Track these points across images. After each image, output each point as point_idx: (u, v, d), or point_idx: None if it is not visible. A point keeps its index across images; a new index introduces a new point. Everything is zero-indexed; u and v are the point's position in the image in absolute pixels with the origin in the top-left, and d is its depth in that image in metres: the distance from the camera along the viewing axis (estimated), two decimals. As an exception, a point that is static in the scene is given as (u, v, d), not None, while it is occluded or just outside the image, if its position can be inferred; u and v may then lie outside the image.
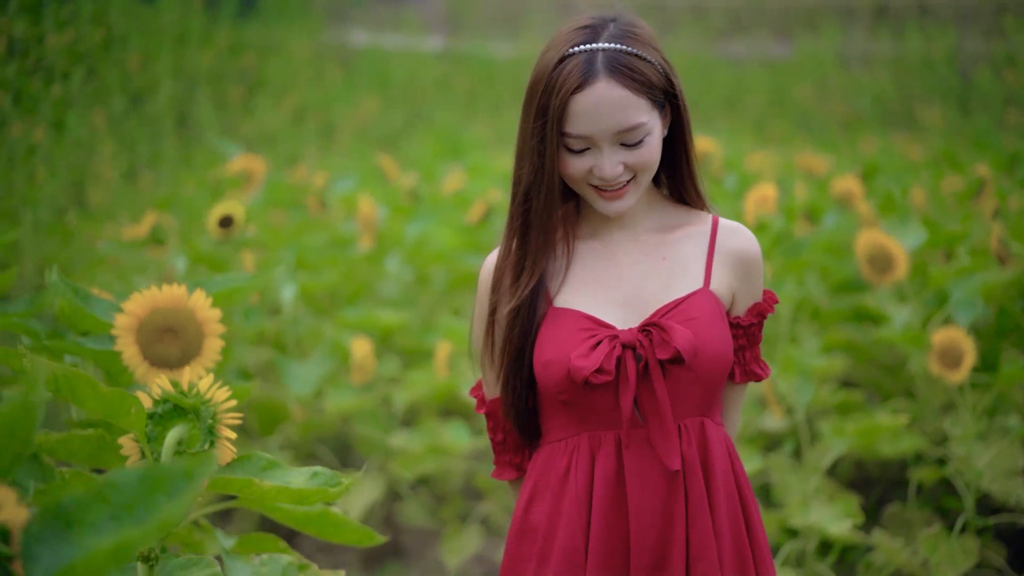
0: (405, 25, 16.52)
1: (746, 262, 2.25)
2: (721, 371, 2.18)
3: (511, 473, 2.35)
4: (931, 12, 14.90)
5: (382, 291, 5.74)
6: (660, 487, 2.14)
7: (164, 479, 1.26)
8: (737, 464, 2.25)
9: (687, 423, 2.17)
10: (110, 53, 9.10)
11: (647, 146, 2.13)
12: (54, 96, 6.99)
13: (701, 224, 2.27)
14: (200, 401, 2.15)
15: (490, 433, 2.36)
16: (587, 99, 2.09)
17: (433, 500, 4.88)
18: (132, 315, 2.37)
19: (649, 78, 2.12)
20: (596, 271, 2.23)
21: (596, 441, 2.18)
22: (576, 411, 2.18)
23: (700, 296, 2.18)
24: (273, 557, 2.31)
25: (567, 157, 2.14)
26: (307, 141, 11.93)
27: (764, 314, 2.28)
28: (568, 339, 2.15)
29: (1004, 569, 3.96)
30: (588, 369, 2.08)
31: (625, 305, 2.20)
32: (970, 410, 4.14)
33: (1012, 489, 3.88)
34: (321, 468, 2.18)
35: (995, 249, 4.72)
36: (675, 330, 2.10)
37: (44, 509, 1.23)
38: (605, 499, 2.15)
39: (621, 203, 2.16)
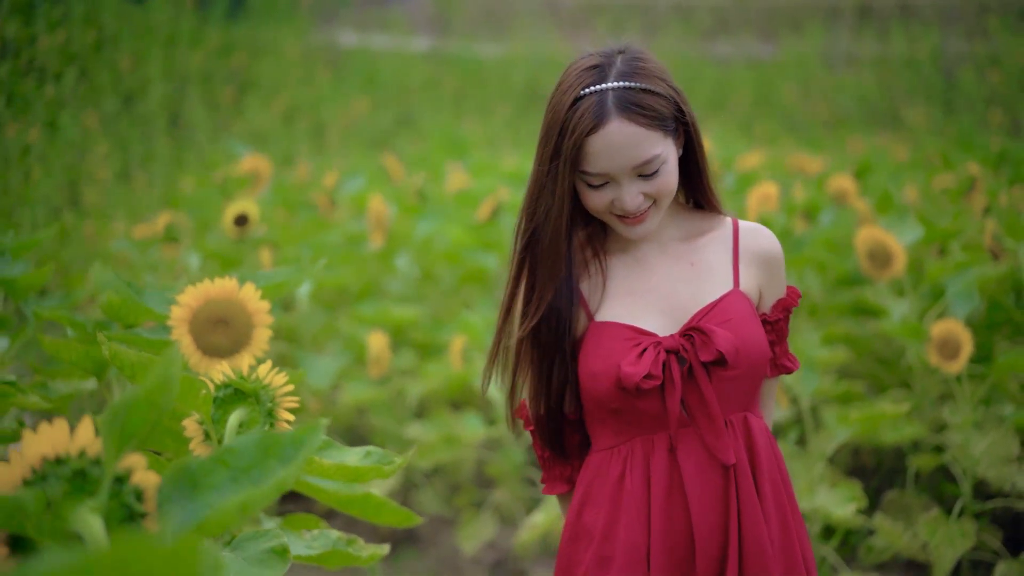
0: (392, 26, 16.60)
1: (769, 260, 2.33)
2: (761, 366, 2.25)
3: (562, 487, 2.42)
4: (915, 13, 15.01)
5: (391, 288, 5.88)
6: (716, 482, 2.21)
7: (278, 446, 1.40)
8: (778, 453, 2.32)
9: (732, 419, 2.24)
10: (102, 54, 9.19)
11: (664, 174, 2.19)
12: (47, 97, 7.07)
13: (722, 228, 2.34)
14: (260, 386, 2.29)
15: (538, 451, 2.43)
16: (601, 140, 2.16)
17: (447, 489, 5.03)
18: (186, 307, 2.50)
19: (659, 111, 2.18)
20: (630, 283, 2.31)
21: (649, 445, 2.24)
22: (625, 418, 2.24)
23: (732, 297, 2.26)
24: (323, 533, 2.45)
25: (588, 192, 2.22)
26: (298, 141, 12.01)
27: (789, 308, 2.35)
28: (614, 349, 2.22)
29: (1000, 551, 4.11)
30: (639, 375, 2.15)
31: (662, 313, 2.26)
32: (967, 399, 4.30)
33: (1008, 475, 4.03)
34: (373, 448, 2.32)
35: (988, 245, 4.89)
36: (716, 332, 2.17)
37: (173, 472, 1.37)
38: (663, 499, 2.22)
39: (644, 227, 2.23)
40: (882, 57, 14.20)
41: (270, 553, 2.10)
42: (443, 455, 4.71)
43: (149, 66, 9.98)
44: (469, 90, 15.16)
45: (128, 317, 2.93)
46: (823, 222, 5.76)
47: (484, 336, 5.02)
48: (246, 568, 2.07)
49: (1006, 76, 11.97)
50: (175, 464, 1.37)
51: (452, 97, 14.95)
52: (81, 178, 8.24)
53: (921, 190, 6.82)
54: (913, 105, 12.86)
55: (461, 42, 16.68)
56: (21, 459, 1.33)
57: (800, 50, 14.88)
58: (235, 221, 4.80)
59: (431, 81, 15.20)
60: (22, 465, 1.33)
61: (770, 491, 2.25)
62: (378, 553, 2.43)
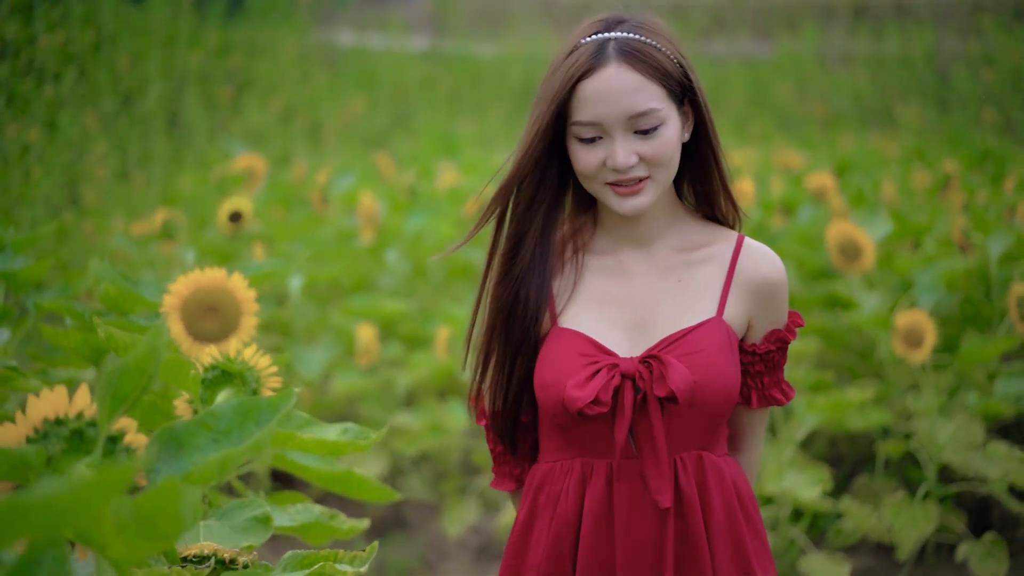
0: (390, 26, 16.67)
1: (765, 288, 2.13)
2: (723, 406, 2.07)
3: (510, 484, 2.28)
4: (909, 12, 15.06)
5: (381, 282, 6.05)
6: (650, 522, 2.05)
7: (255, 410, 1.57)
8: (746, 497, 2.14)
9: (684, 456, 2.07)
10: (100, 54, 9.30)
11: (662, 137, 2.02)
12: (46, 96, 7.19)
13: (724, 245, 2.15)
14: (245, 367, 2.46)
15: (490, 444, 2.29)
16: (595, 84, 2.01)
17: (433, 475, 5.20)
18: (177, 295, 2.68)
19: (663, 65, 2.02)
20: (606, 290, 2.13)
21: (588, 468, 2.09)
22: (571, 436, 2.10)
23: (710, 326, 2.07)
24: (306, 507, 2.60)
25: (579, 150, 2.04)
26: (295, 140, 12.13)
27: (785, 341, 2.15)
28: (567, 364, 2.06)
29: (965, 534, 4.27)
30: (583, 400, 2.00)
31: (632, 329, 2.09)
32: (933, 388, 4.47)
33: (971, 461, 4.19)
34: (350, 424, 2.48)
35: (958, 240, 5.06)
36: (673, 367, 2.00)
37: (161, 434, 1.53)
38: (592, 529, 2.08)
39: (637, 200, 2.04)
40: (877, 56, 14.25)
41: (253, 521, 2.26)
42: (429, 443, 4.89)
43: (147, 66, 10.10)
44: (465, 89, 15.26)
45: (124, 306, 3.09)
46: (802, 218, 5.92)
47: (470, 328, 5.19)
48: (231, 535, 2.23)
49: (999, 75, 12.02)
50: (163, 427, 1.54)
51: (448, 96, 15.06)
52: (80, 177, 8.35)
53: (900, 187, 6.98)
54: (907, 103, 12.92)
55: (458, 41, 16.76)
56: (25, 420, 1.50)
57: (795, 49, 14.94)
58: (229, 218, 4.95)
59: (427, 80, 15.30)
60: (25, 425, 1.50)
61: (725, 538, 2.08)
62: (357, 527, 2.59)
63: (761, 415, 2.22)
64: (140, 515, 1.27)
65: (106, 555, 1.34)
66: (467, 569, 4.67)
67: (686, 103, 2.09)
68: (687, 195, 2.19)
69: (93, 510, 1.12)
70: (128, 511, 1.26)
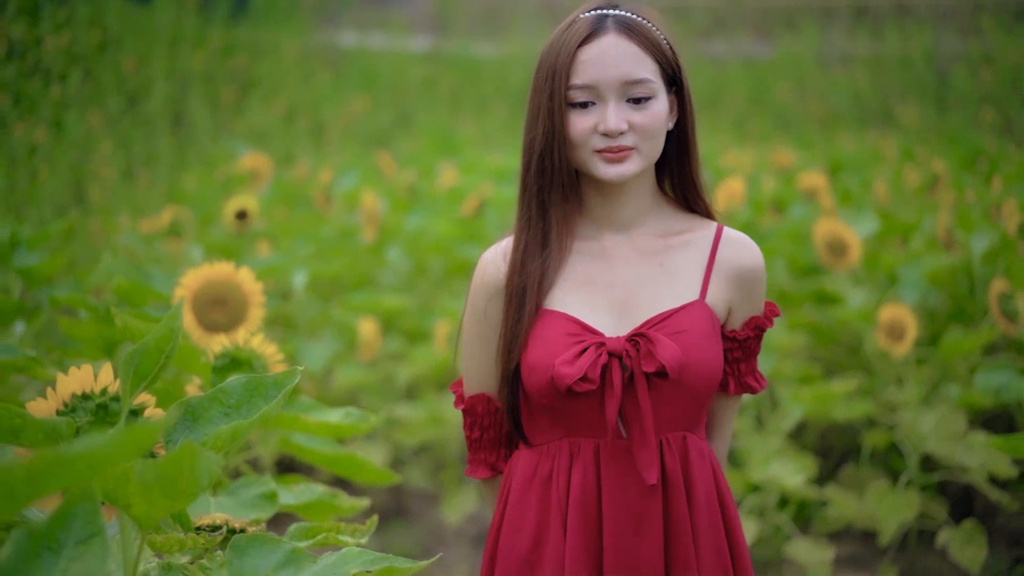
0: (391, 26, 16.76)
1: (746, 276, 2.19)
2: (707, 386, 2.13)
3: (484, 472, 2.31)
4: (909, 12, 15.09)
5: (382, 279, 6.20)
6: (636, 500, 2.11)
7: (262, 386, 1.72)
8: (721, 481, 2.20)
9: (669, 437, 2.13)
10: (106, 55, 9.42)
11: (653, 109, 2.10)
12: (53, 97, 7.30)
13: (703, 232, 2.21)
14: (253, 354, 2.62)
15: (466, 430, 2.32)
16: (594, 49, 2.09)
17: (433, 465, 5.35)
18: (188, 288, 2.84)
19: (659, 44, 2.12)
20: (590, 273, 2.18)
21: (576, 448, 2.14)
22: (558, 417, 2.14)
23: (693, 308, 2.13)
24: (309, 487, 2.75)
25: (572, 118, 2.11)
26: (298, 140, 12.24)
27: (762, 327, 2.22)
28: (554, 343, 2.11)
29: (947, 521, 4.42)
30: (572, 377, 2.04)
31: (616, 310, 2.15)
32: (916, 381, 4.62)
33: (953, 450, 4.33)
34: (352, 408, 2.65)
35: (942, 237, 5.21)
36: (662, 343, 2.05)
37: (177, 408, 1.69)
38: (580, 508, 2.12)
39: (622, 168, 2.10)
40: (876, 56, 14.29)
41: (261, 498, 2.42)
42: (429, 434, 5.04)
43: (152, 67, 10.20)
44: (466, 89, 15.34)
45: (136, 299, 3.25)
46: (793, 216, 6.07)
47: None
48: (239, 510, 2.39)
49: (999, 75, 12.08)
50: (178, 401, 1.69)
51: (449, 96, 15.14)
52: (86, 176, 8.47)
53: (891, 186, 7.13)
54: (906, 103, 12.98)
55: (459, 42, 16.84)
56: (55, 395, 1.66)
57: (795, 49, 15.00)
58: (235, 216, 5.10)
59: (429, 81, 15.38)
60: (55, 400, 1.65)
61: (706, 518, 2.14)
62: (358, 505, 2.74)
63: (734, 403, 2.29)
64: (162, 475, 1.42)
65: (130, 513, 1.49)
66: (465, 555, 4.82)
67: (672, 92, 2.17)
68: (667, 186, 2.25)
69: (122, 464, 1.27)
70: (151, 472, 1.42)
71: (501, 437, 2.30)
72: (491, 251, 2.26)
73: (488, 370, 2.25)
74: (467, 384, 2.31)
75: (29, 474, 1.13)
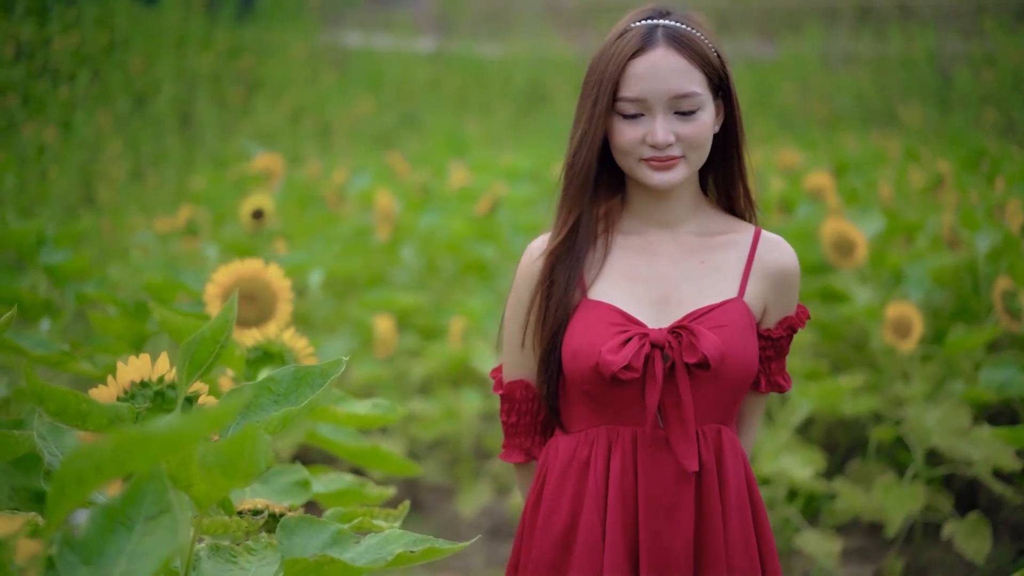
0: (396, 27, 16.82)
1: (783, 277, 2.26)
2: (745, 381, 2.19)
3: (519, 456, 2.37)
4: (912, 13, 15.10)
5: (395, 277, 6.30)
6: (671, 488, 2.16)
7: (309, 376, 1.82)
8: (751, 474, 2.26)
9: (705, 429, 2.18)
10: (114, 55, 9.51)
11: (700, 121, 2.16)
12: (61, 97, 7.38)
13: (743, 234, 2.27)
14: (284, 348, 2.72)
15: (503, 415, 2.38)
16: (644, 63, 2.15)
17: (448, 459, 5.45)
18: (219, 284, 2.93)
19: (706, 55, 2.17)
20: (633, 267, 2.24)
21: (614, 435, 2.20)
22: (598, 404, 2.20)
23: (733, 305, 2.20)
24: (338, 476, 2.85)
25: (620, 125, 2.18)
26: (304, 140, 12.31)
27: (794, 328, 2.30)
28: (598, 332, 2.17)
29: (951, 514, 4.51)
30: (617, 365, 2.10)
31: (657, 304, 2.21)
32: (922, 377, 4.72)
33: (958, 445, 4.42)
34: (380, 400, 2.75)
35: (947, 236, 5.31)
36: (704, 335, 2.12)
37: (229, 395, 1.78)
38: (618, 494, 2.18)
39: (670, 175, 2.17)
40: (880, 57, 14.31)
41: (294, 485, 2.52)
42: (444, 428, 5.15)
43: (160, 67, 10.28)
44: (471, 90, 15.40)
45: (166, 295, 3.34)
46: (800, 215, 6.17)
47: (483, 320, 5.47)
48: (274, 496, 2.49)
49: (1001, 76, 12.11)
50: (231, 389, 1.79)
51: (454, 97, 15.21)
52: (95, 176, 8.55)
53: (896, 186, 7.22)
54: (909, 104, 13.02)
55: (464, 43, 16.91)
56: (115, 383, 1.76)
57: (799, 50, 15.04)
58: (252, 215, 5.18)
59: (434, 81, 15.45)
60: (116, 387, 1.75)
61: (736, 510, 2.20)
62: (385, 493, 2.83)
63: (762, 400, 2.36)
64: (223, 457, 1.52)
65: (191, 494, 1.59)
66: (480, 548, 4.92)
67: (719, 97, 2.24)
68: (709, 187, 2.32)
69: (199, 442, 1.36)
70: (213, 453, 1.51)
71: (537, 423, 2.35)
72: (537, 241, 2.32)
73: (528, 356, 2.31)
74: (506, 370, 2.36)
75: (115, 450, 1.23)
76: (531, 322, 2.28)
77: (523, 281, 2.31)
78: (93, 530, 1.36)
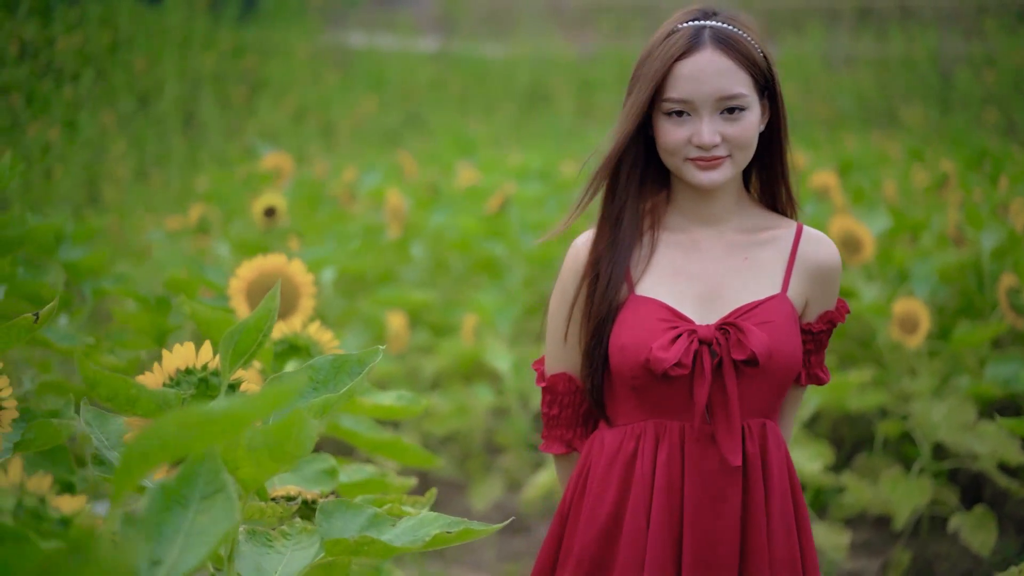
0: (399, 27, 16.88)
1: (825, 272, 2.29)
2: (789, 375, 2.23)
3: (560, 448, 2.39)
4: (913, 14, 15.14)
5: (405, 274, 6.36)
6: (717, 481, 2.19)
7: (347, 363, 1.88)
8: (792, 468, 2.29)
9: (751, 423, 2.21)
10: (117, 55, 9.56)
11: (746, 122, 2.19)
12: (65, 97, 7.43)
13: (785, 230, 2.30)
14: (310, 341, 2.78)
15: (545, 407, 2.40)
16: (691, 65, 2.18)
17: (460, 454, 5.51)
18: (243, 279, 2.99)
19: (752, 56, 2.19)
20: (678, 263, 2.27)
21: (661, 429, 2.23)
22: (645, 398, 2.23)
23: (777, 301, 2.23)
24: (361, 467, 2.91)
25: (666, 127, 2.21)
26: (308, 139, 12.36)
27: (835, 322, 2.32)
28: (648, 328, 2.19)
29: (957, 507, 4.57)
30: (669, 362, 2.13)
31: (703, 300, 2.24)
32: (928, 372, 4.78)
33: (963, 439, 4.49)
34: (403, 392, 2.81)
35: (952, 234, 5.37)
36: (752, 332, 2.15)
37: (271, 382, 1.84)
38: (665, 486, 2.20)
39: (715, 174, 2.20)
40: (881, 57, 14.35)
41: (322, 473, 2.59)
42: (456, 424, 5.21)
43: (163, 67, 10.33)
44: (474, 90, 15.46)
45: (189, 290, 3.40)
46: (806, 213, 6.22)
47: (494, 316, 5.53)
48: (302, 484, 2.55)
49: (1001, 76, 12.16)
50: (272, 377, 1.85)
51: (457, 97, 15.27)
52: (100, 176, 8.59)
53: (900, 185, 7.29)
54: (910, 104, 13.05)
55: (466, 43, 16.96)
56: (161, 370, 1.82)
57: (801, 51, 15.08)
58: (264, 213, 5.24)
59: (437, 81, 15.51)
60: (162, 374, 1.81)
61: (779, 504, 2.22)
62: (407, 483, 2.90)
63: (801, 393, 2.39)
64: (270, 440, 1.58)
65: (238, 476, 1.65)
66: (492, 542, 4.98)
67: (765, 97, 2.26)
68: (752, 184, 2.36)
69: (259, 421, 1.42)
70: (261, 436, 1.58)
71: (579, 415, 2.38)
72: (583, 237, 2.34)
73: (572, 350, 2.33)
74: (550, 363, 2.39)
75: (180, 429, 1.29)
76: (576, 316, 2.31)
77: (568, 275, 2.33)
78: (152, 508, 1.42)
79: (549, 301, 2.40)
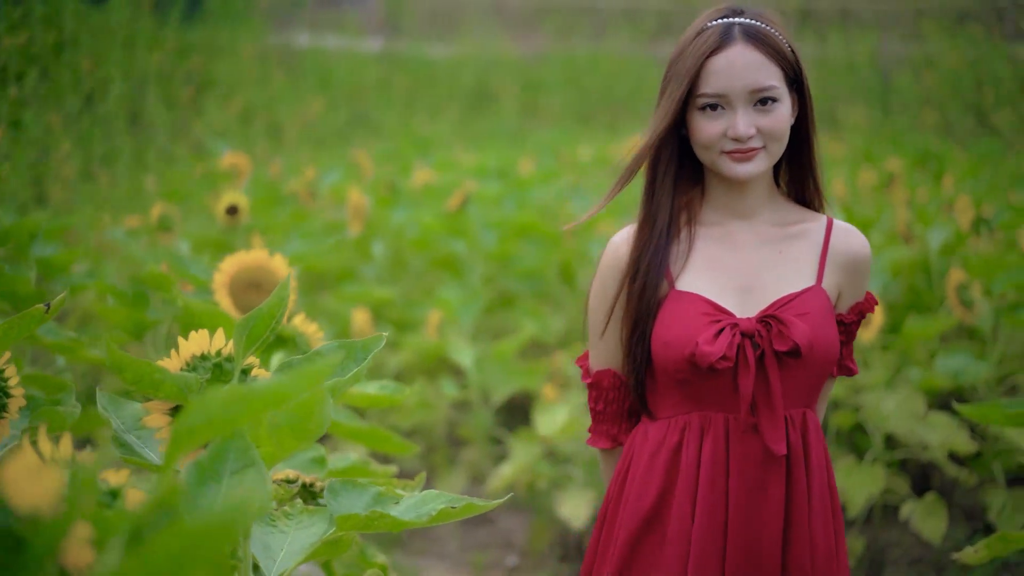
0: (345, 27, 16.89)
1: (857, 264, 2.34)
2: (828, 365, 2.27)
3: (606, 443, 2.43)
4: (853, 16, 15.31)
5: (365, 272, 6.44)
6: (760, 470, 2.23)
7: (353, 349, 1.97)
8: (829, 459, 2.34)
9: (792, 413, 2.25)
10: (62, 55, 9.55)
11: (779, 113, 2.24)
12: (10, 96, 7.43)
13: (816, 223, 2.34)
14: (296, 332, 2.86)
15: (591, 403, 2.44)
16: (723, 59, 2.23)
17: (424, 448, 5.60)
18: (225, 273, 3.07)
19: (782, 51, 2.25)
20: (715, 257, 2.32)
21: (706, 421, 2.26)
22: (688, 391, 2.27)
23: (813, 292, 2.27)
24: (344, 455, 3.00)
25: (700, 121, 2.26)
26: (255, 139, 12.36)
27: (864, 313, 2.37)
28: (691, 322, 2.23)
29: (908, 495, 4.72)
30: (715, 355, 2.17)
31: (741, 292, 2.28)
32: (880, 365, 4.92)
33: (914, 429, 4.63)
34: (387, 381, 2.91)
35: (902, 232, 5.53)
36: (794, 324, 2.19)
37: (281, 367, 1.93)
38: (710, 477, 2.24)
39: (750, 166, 2.24)
40: (822, 59, 14.54)
41: (311, 461, 2.67)
42: (420, 417, 5.30)
43: (109, 67, 10.31)
44: (420, 90, 15.49)
45: (163, 284, 3.46)
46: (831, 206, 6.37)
47: (458, 312, 5.63)
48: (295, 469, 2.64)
49: (940, 78, 12.35)
50: (282, 363, 1.94)
51: (404, 97, 15.31)
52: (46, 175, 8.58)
53: (848, 184, 7.45)
54: (851, 106, 13.21)
55: (412, 43, 17.01)
56: (178, 356, 1.90)
57: (743, 53, 15.17)
58: (227, 211, 5.29)
59: (383, 81, 15.52)
60: (179, 360, 1.90)
61: (819, 491, 2.27)
62: (389, 470, 3.00)
63: (831, 384, 2.43)
64: (292, 418, 1.68)
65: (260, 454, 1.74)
66: (455, 533, 5.08)
67: (794, 90, 2.31)
68: (781, 178, 2.40)
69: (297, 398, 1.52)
70: (284, 415, 1.67)
71: (624, 411, 2.42)
72: (621, 234, 2.38)
73: (614, 346, 2.38)
74: (593, 359, 2.44)
75: (224, 406, 1.38)
76: (617, 313, 2.35)
77: (608, 272, 2.37)
78: (187, 481, 1.51)
79: (588, 299, 2.44)
